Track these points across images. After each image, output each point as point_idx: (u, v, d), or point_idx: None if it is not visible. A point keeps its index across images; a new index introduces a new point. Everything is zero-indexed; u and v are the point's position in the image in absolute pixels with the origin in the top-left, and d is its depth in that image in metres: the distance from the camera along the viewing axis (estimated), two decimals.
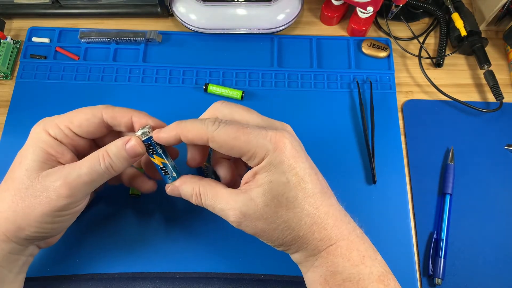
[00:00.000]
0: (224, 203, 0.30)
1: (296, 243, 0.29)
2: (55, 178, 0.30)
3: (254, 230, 0.30)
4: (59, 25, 0.51)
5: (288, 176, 0.28)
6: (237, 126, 0.29)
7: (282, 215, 0.28)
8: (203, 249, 0.40)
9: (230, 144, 0.28)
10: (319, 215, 0.28)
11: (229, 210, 0.29)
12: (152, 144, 0.32)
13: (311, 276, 0.30)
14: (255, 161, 0.29)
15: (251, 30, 0.50)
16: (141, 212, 0.41)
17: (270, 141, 0.28)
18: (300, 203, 0.28)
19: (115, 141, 0.32)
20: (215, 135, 0.29)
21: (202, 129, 0.29)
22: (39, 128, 0.32)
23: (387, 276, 0.29)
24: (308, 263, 0.30)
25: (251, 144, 0.28)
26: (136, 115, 0.33)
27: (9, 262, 0.31)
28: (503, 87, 0.48)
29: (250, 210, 0.29)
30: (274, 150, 0.28)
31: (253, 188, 0.29)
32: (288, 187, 0.28)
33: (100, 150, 0.31)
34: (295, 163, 0.28)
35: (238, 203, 0.29)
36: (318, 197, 0.29)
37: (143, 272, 0.38)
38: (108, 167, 0.31)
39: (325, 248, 0.29)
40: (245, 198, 0.29)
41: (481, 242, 0.41)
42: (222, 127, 0.29)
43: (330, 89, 0.48)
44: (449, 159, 0.44)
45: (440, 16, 0.51)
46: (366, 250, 0.29)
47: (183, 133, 0.30)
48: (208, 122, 0.29)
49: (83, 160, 0.31)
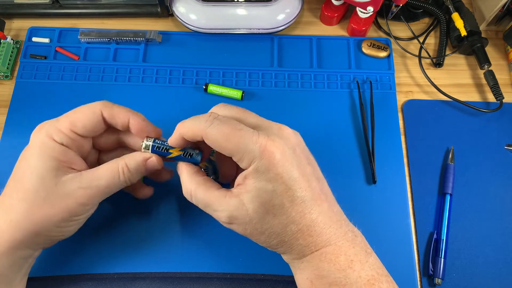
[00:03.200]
0: (216, 205, 0.30)
1: (282, 247, 0.30)
2: (75, 187, 0.30)
3: (243, 232, 0.30)
4: (59, 25, 0.51)
5: (274, 185, 0.28)
6: (231, 126, 0.29)
7: (268, 221, 0.29)
8: (203, 249, 0.40)
9: (221, 144, 0.29)
10: (305, 223, 0.29)
11: (220, 212, 0.30)
12: (163, 145, 0.33)
13: (299, 278, 0.31)
14: (243, 164, 0.29)
15: (251, 30, 0.50)
16: (141, 212, 0.41)
17: (259, 147, 0.28)
18: (287, 211, 0.28)
19: (134, 155, 0.33)
20: (208, 132, 0.29)
21: (197, 126, 0.29)
22: (42, 135, 0.31)
23: (379, 279, 0.29)
24: (295, 264, 0.31)
25: (239, 148, 0.28)
26: (133, 117, 0.33)
27: (19, 266, 0.31)
28: (503, 87, 0.48)
29: (240, 214, 0.29)
30: (261, 157, 0.28)
31: (243, 193, 0.29)
32: (274, 195, 0.28)
33: (119, 163, 0.32)
34: (282, 171, 0.28)
35: (230, 207, 0.29)
36: (307, 205, 0.29)
37: (143, 272, 0.38)
38: (126, 180, 0.32)
39: (309, 254, 0.29)
40: (237, 202, 0.29)
41: (481, 242, 0.41)
42: (215, 124, 0.29)
43: (330, 89, 0.48)
44: (449, 159, 0.44)
45: (440, 16, 0.51)
46: (355, 254, 0.29)
47: (183, 132, 0.31)
48: (202, 118, 0.30)
49: (101, 170, 0.32)
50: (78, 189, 0.30)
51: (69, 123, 0.31)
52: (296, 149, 0.30)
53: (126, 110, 0.33)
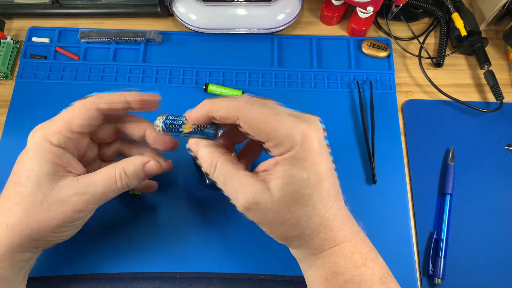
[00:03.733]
0: (238, 185, 0.28)
1: (300, 240, 0.29)
2: (71, 193, 0.30)
3: (260, 219, 0.29)
4: (59, 25, 0.51)
5: (309, 174, 0.27)
6: (272, 109, 0.28)
7: (294, 210, 0.28)
8: (204, 249, 0.40)
9: (259, 127, 0.28)
10: (328, 217, 0.28)
11: (241, 193, 0.28)
12: (177, 120, 0.32)
13: (312, 275, 0.30)
14: (280, 150, 0.28)
15: (251, 30, 0.50)
16: (141, 212, 0.41)
17: (300, 133, 0.27)
18: (314, 202, 0.28)
19: (133, 159, 0.32)
20: (247, 112, 0.28)
21: (235, 106, 0.28)
22: (38, 138, 0.30)
23: (389, 279, 0.29)
24: (309, 261, 0.30)
25: (279, 132, 0.27)
26: (128, 95, 0.32)
27: (19, 269, 0.31)
28: (503, 87, 0.48)
29: (264, 199, 0.27)
30: (302, 144, 0.27)
31: (272, 179, 0.28)
32: (307, 184, 0.27)
33: (116, 167, 0.31)
34: (319, 162, 0.28)
35: (253, 189, 0.28)
36: (332, 199, 0.28)
37: (143, 272, 0.38)
38: (124, 186, 0.32)
39: (327, 249, 0.29)
40: (262, 186, 0.28)
41: (481, 242, 0.41)
42: (256, 105, 0.28)
43: (330, 89, 0.48)
44: (449, 159, 0.44)
45: (440, 16, 0.51)
46: (368, 253, 0.29)
47: (215, 108, 0.29)
48: (242, 98, 0.29)
49: (98, 175, 0.31)
50: (74, 195, 0.30)
51: (64, 122, 0.31)
52: (326, 142, 0.30)
53: (118, 92, 0.32)
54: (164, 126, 0.32)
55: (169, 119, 0.32)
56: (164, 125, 0.32)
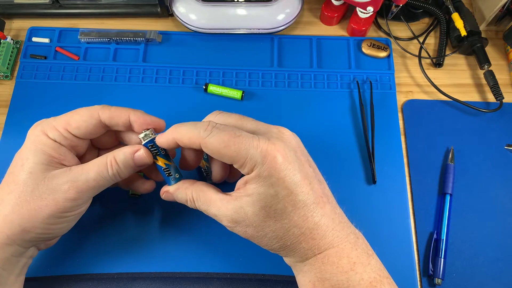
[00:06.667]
0: (216, 209, 0.30)
1: (284, 250, 0.30)
2: (63, 181, 0.30)
3: (245, 235, 0.30)
4: (59, 25, 0.51)
5: (276, 189, 0.28)
6: (230, 133, 0.28)
7: (270, 225, 0.29)
8: (203, 249, 0.40)
9: (221, 152, 0.28)
10: (308, 226, 0.29)
11: (221, 216, 0.30)
12: (156, 146, 0.33)
13: (301, 280, 0.31)
14: (245, 170, 0.29)
15: (251, 30, 0.50)
16: (141, 212, 0.41)
17: (260, 152, 0.28)
18: (289, 215, 0.28)
19: (124, 149, 0.32)
20: (206, 141, 0.29)
21: (195, 134, 0.29)
22: (37, 131, 0.31)
23: (381, 281, 0.29)
24: (297, 267, 0.31)
25: (240, 155, 0.28)
26: (133, 114, 0.33)
27: (11, 264, 0.31)
28: (503, 87, 0.48)
29: (240, 217, 0.29)
30: (263, 163, 0.28)
31: (243, 197, 0.29)
32: (276, 199, 0.28)
33: (108, 156, 0.32)
34: (285, 176, 0.28)
35: (229, 211, 0.29)
36: (310, 208, 0.29)
37: (143, 272, 0.38)
38: (115, 174, 0.32)
39: (312, 256, 0.29)
40: (236, 205, 0.29)
41: (481, 242, 0.41)
42: (214, 133, 0.29)
43: (330, 89, 0.48)
44: (449, 159, 0.44)
45: (440, 16, 0.51)
46: (357, 257, 0.29)
47: (178, 137, 0.30)
48: (201, 127, 0.29)
49: (90, 164, 0.31)
50: (66, 182, 0.30)
51: (65, 122, 0.32)
52: (297, 152, 0.30)
53: (125, 108, 0.33)
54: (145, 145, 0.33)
55: (149, 142, 0.33)
56: (145, 145, 0.33)
